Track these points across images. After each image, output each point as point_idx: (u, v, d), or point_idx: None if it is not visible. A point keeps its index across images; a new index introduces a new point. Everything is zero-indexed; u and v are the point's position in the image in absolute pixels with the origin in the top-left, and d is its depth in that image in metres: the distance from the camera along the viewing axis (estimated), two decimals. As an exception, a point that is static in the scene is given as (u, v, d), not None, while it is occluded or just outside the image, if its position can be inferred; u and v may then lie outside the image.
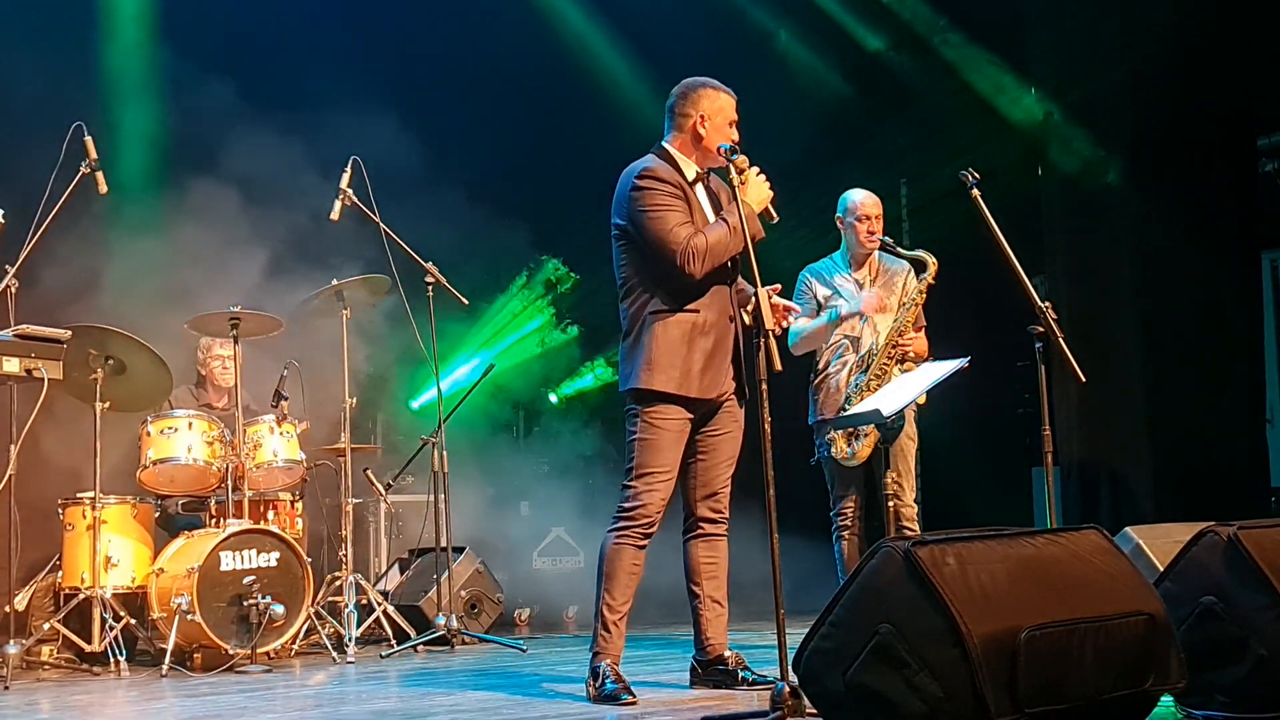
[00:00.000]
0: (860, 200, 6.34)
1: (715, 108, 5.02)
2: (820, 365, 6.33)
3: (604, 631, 4.94)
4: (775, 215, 4.95)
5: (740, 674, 5.07)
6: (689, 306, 4.91)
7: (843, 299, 6.30)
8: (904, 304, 6.23)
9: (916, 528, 6.02)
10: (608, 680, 4.82)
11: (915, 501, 6.19)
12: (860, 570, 3.39)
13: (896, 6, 10.16)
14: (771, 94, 10.26)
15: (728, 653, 5.14)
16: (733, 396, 5.09)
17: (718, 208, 5.05)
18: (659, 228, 4.86)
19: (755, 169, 4.91)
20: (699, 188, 5.06)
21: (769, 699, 3.95)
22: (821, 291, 6.38)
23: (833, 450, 6.21)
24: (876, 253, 6.37)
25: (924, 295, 6.21)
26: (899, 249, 6.30)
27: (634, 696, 4.76)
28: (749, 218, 4.79)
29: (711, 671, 5.13)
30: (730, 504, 5.18)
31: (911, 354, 6.14)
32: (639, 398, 4.95)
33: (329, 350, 7.75)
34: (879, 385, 6.08)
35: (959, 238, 6.66)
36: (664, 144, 5.10)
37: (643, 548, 4.95)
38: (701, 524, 5.14)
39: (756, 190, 4.89)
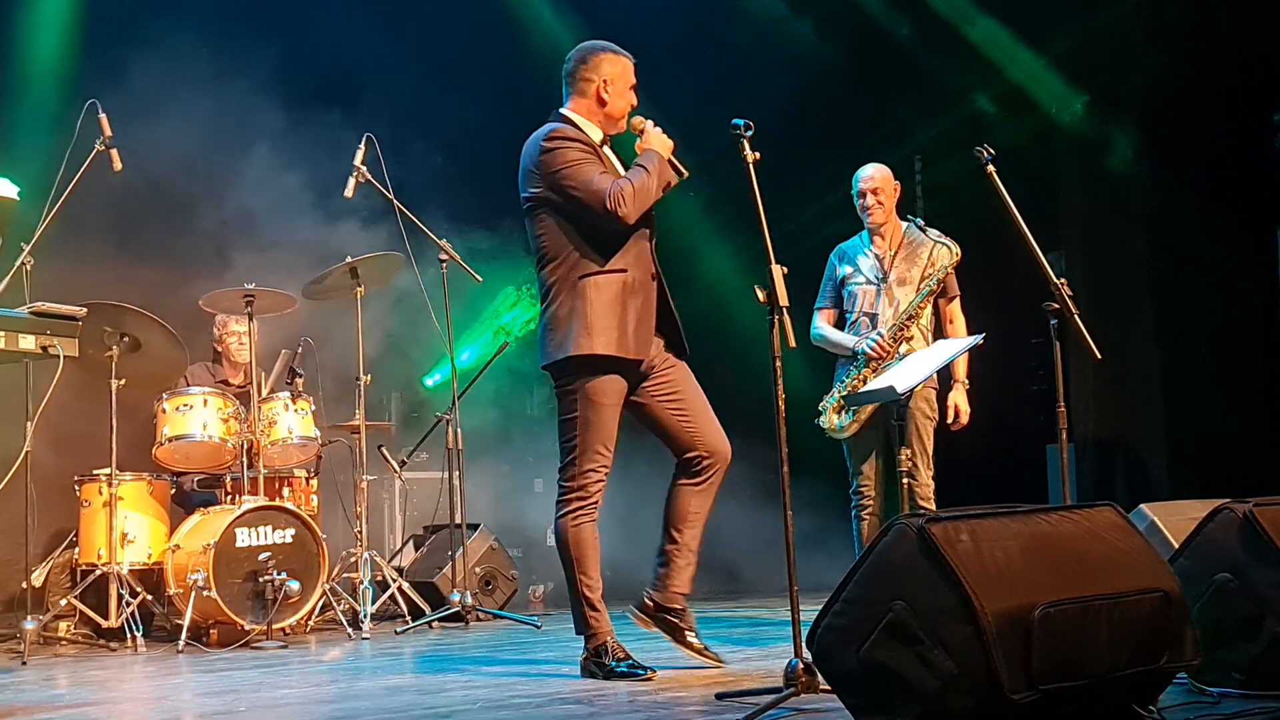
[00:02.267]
0: (862, 175, 6.34)
1: (617, 71, 4.99)
2: None
3: (592, 612, 4.89)
4: (685, 170, 4.97)
5: (687, 633, 5.08)
6: (617, 267, 4.85)
7: (861, 274, 6.29)
8: (921, 288, 6.20)
9: (933, 506, 6.01)
10: (619, 662, 4.81)
11: (933, 479, 6.18)
12: (874, 547, 3.39)
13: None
14: (784, 70, 10.24)
15: (680, 605, 5.11)
16: (670, 353, 5.05)
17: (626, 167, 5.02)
18: (580, 179, 4.80)
19: (650, 121, 4.94)
20: (606, 149, 5.01)
21: (782, 675, 3.95)
22: (841, 270, 6.38)
23: (821, 421, 6.22)
24: (902, 224, 6.34)
25: (941, 283, 6.18)
26: (927, 230, 6.24)
27: (652, 671, 4.77)
28: (661, 163, 4.84)
29: (661, 617, 5.10)
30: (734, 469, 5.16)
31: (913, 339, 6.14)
32: (575, 368, 4.85)
33: (343, 327, 7.76)
34: (877, 365, 6.09)
35: (973, 214, 6.63)
36: (563, 111, 5.02)
37: (595, 521, 4.93)
38: (704, 473, 5.07)
39: (659, 140, 4.91)
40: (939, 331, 6.32)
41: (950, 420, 6.26)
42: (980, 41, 9.85)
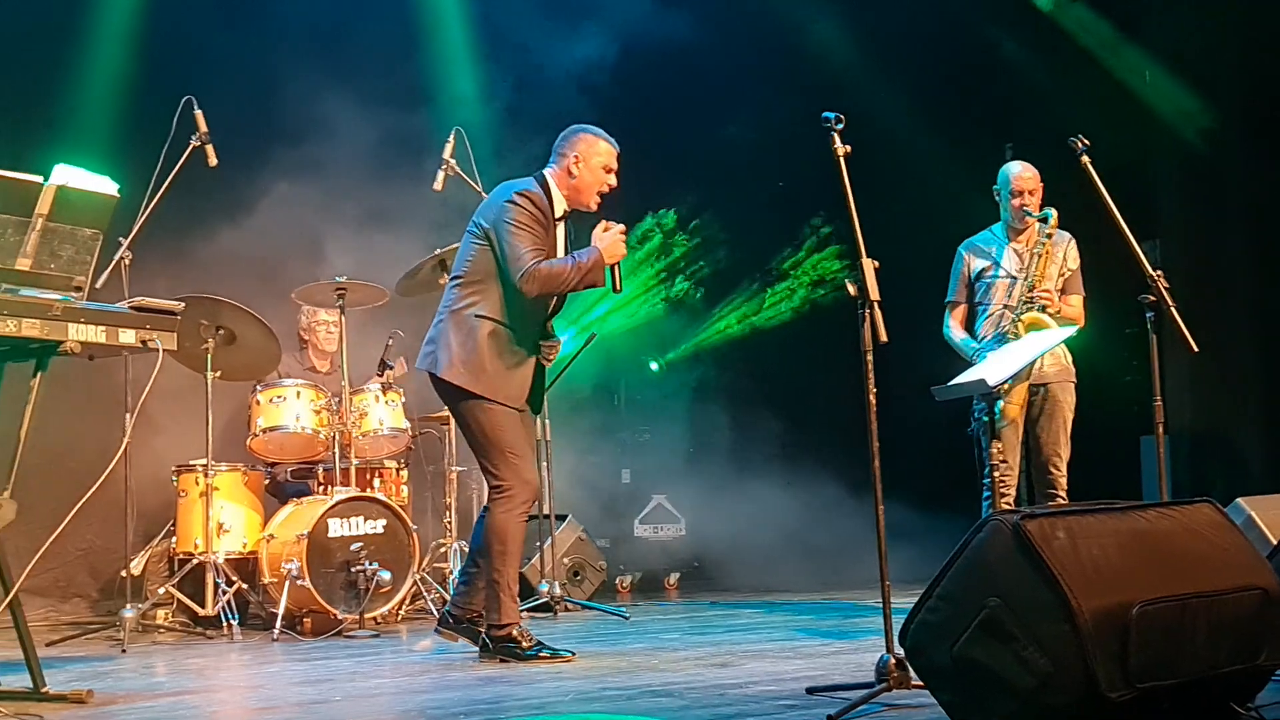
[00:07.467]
0: (1017, 173, 6.38)
1: (591, 152, 5.45)
2: (981, 336, 6.32)
3: (511, 602, 5.37)
4: (620, 287, 5.40)
5: (483, 639, 5.45)
6: (514, 322, 5.37)
7: (1002, 269, 6.32)
8: (1034, 253, 6.23)
9: (1065, 497, 6.05)
10: (535, 644, 5.31)
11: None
12: (968, 543, 3.36)
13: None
14: (873, 60, 10.16)
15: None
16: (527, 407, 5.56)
17: (570, 249, 5.47)
18: (515, 242, 5.29)
19: (620, 227, 5.36)
20: (561, 226, 5.49)
21: (874, 670, 3.94)
22: (977, 265, 6.41)
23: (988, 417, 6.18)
24: (1038, 223, 6.32)
25: (1046, 247, 6.20)
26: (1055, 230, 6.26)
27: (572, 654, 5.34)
28: (595, 265, 5.27)
29: (463, 626, 5.56)
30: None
31: (1049, 306, 6.13)
32: (468, 396, 5.34)
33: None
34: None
35: (1068, 204, 6.55)
36: (544, 172, 5.51)
37: (528, 516, 5.42)
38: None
39: (613, 245, 5.34)
40: None
41: None
42: (1074, 27, 9.71)
